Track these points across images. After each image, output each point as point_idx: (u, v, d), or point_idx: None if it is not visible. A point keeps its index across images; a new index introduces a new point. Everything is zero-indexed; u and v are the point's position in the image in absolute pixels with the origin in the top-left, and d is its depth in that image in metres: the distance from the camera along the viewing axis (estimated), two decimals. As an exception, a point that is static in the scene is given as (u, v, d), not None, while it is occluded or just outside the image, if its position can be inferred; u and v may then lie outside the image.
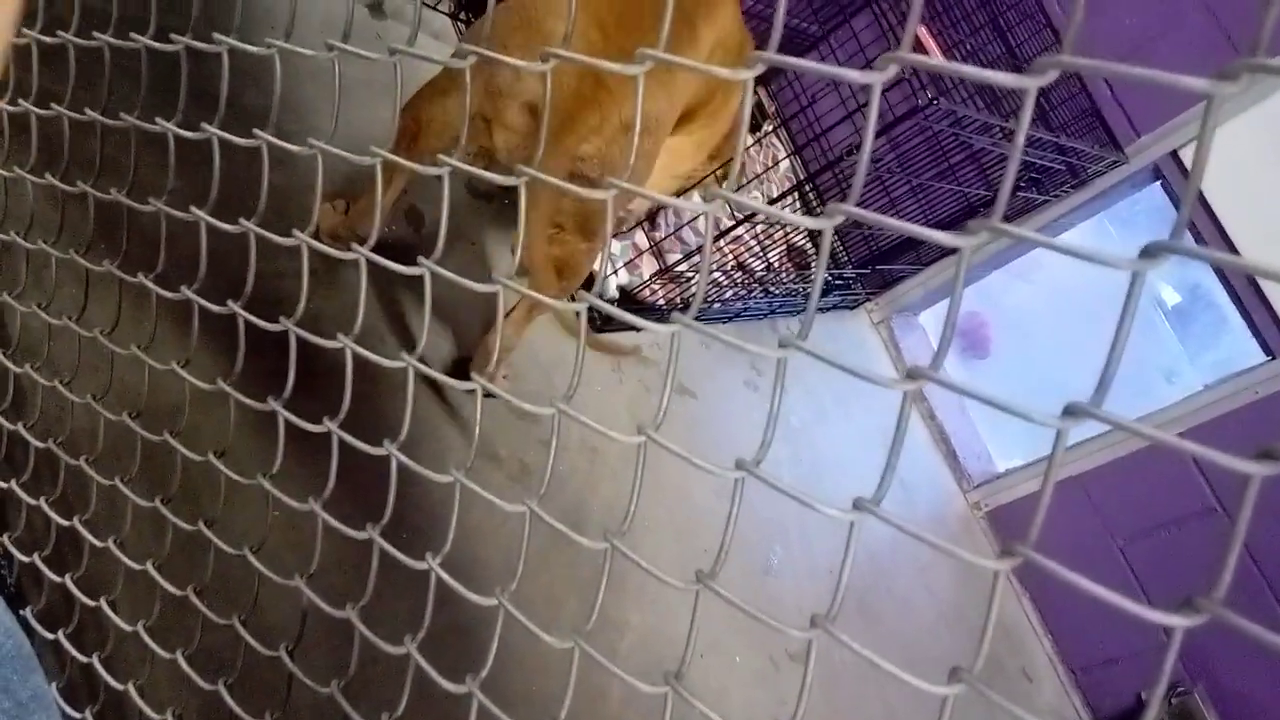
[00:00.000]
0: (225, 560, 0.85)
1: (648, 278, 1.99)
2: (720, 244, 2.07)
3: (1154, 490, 2.49)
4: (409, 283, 1.53)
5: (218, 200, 0.82)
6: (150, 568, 0.89)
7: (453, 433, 1.47)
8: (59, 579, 0.95)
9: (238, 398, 0.80)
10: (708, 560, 0.54)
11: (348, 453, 0.72)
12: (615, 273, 1.98)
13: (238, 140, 0.79)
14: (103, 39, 0.93)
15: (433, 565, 0.66)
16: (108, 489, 0.95)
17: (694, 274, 2.00)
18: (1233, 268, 0.36)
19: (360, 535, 0.71)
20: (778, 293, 2.37)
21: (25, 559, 0.98)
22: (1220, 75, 0.36)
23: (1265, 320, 2.37)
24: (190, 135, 0.83)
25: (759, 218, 2.05)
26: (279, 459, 0.78)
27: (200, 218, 0.82)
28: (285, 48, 0.77)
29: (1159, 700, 0.37)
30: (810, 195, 2.63)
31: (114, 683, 0.90)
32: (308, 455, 0.78)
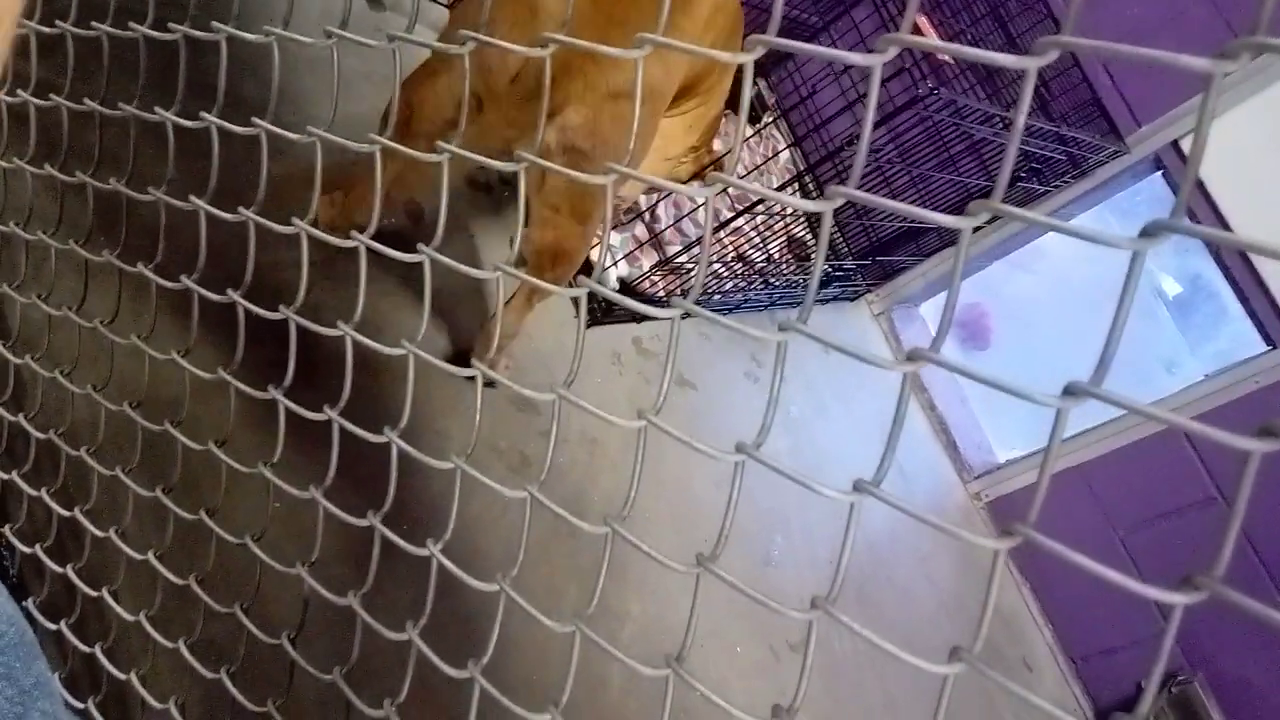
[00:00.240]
0: (227, 550, 0.85)
1: (648, 269, 1.99)
2: (720, 235, 2.06)
3: (1155, 480, 2.50)
4: (408, 277, 1.53)
5: (217, 190, 0.82)
6: (152, 557, 0.89)
7: (453, 424, 1.47)
8: (61, 569, 0.96)
9: (238, 386, 0.80)
10: (708, 550, 0.54)
11: (348, 444, 0.72)
12: (615, 264, 1.98)
13: (236, 129, 0.78)
14: (101, 29, 0.93)
15: (434, 552, 0.66)
16: (109, 479, 0.95)
17: (694, 265, 1.99)
18: (1229, 245, 0.36)
19: (361, 523, 0.71)
20: (778, 284, 2.37)
21: (27, 550, 0.99)
22: (1220, 54, 0.36)
23: (1266, 310, 2.37)
24: (189, 124, 0.83)
25: (759, 209, 2.04)
26: (279, 448, 0.79)
27: (199, 207, 0.82)
28: (284, 35, 0.77)
29: (1157, 680, 0.37)
30: (810, 186, 2.62)
31: (116, 672, 0.90)
32: (308, 445, 0.78)
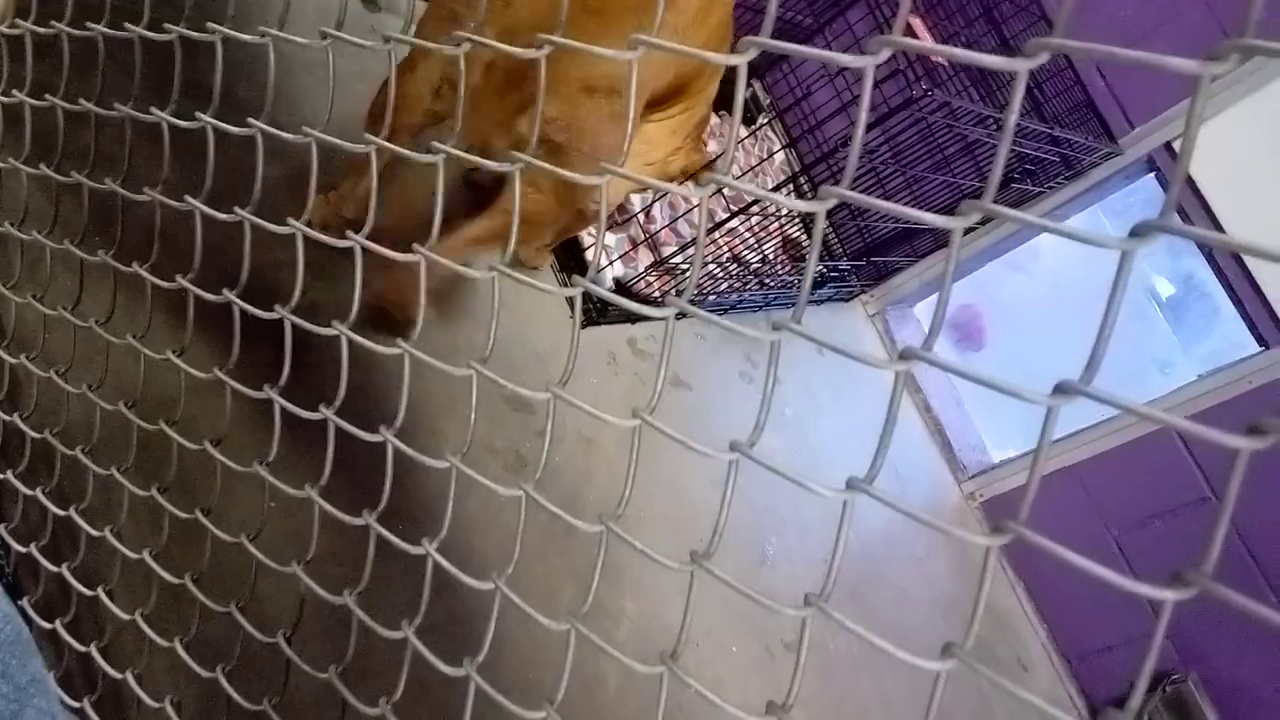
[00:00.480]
0: (222, 549, 0.85)
1: (643, 270, 1.99)
2: (715, 236, 2.07)
3: (1148, 480, 2.51)
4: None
5: (212, 190, 0.82)
6: (147, 557, 0.89)
7: (449, 423, 1.47)
8: (56, 569, 0.96)
9: (234, 386, 0.80)
10: (703, 549, 0.54)
11: (344, 444, 0.72)
12: (611, 265, 1.99)
13: (232, 129, 0.79)
14: (96, 29, 0.93)
15: (429, 550, 0.67)
16: (104, 479, 0.95)
17: (689, 266, 2.00)
18: (1218, 246, 0.36)
19: (357, 521, 0.71)
20: (772, 285, 2.37)
21: (22, 549, 0.98)
22: (1209, 56, 0.37)
23: (1258, 310, 2.38)
24: (184, 125, 0.83)
25: (754, 210, 2.05)
26: (275, 448, 0.79)
27: (195, 207, 0.82)
28: (279, 36, 0.77)
29: (1147, 673, 0.38)
30: (805, 186, 2.63)
31: (112, 672, 0.90)
32: (304, 445, 0.79)
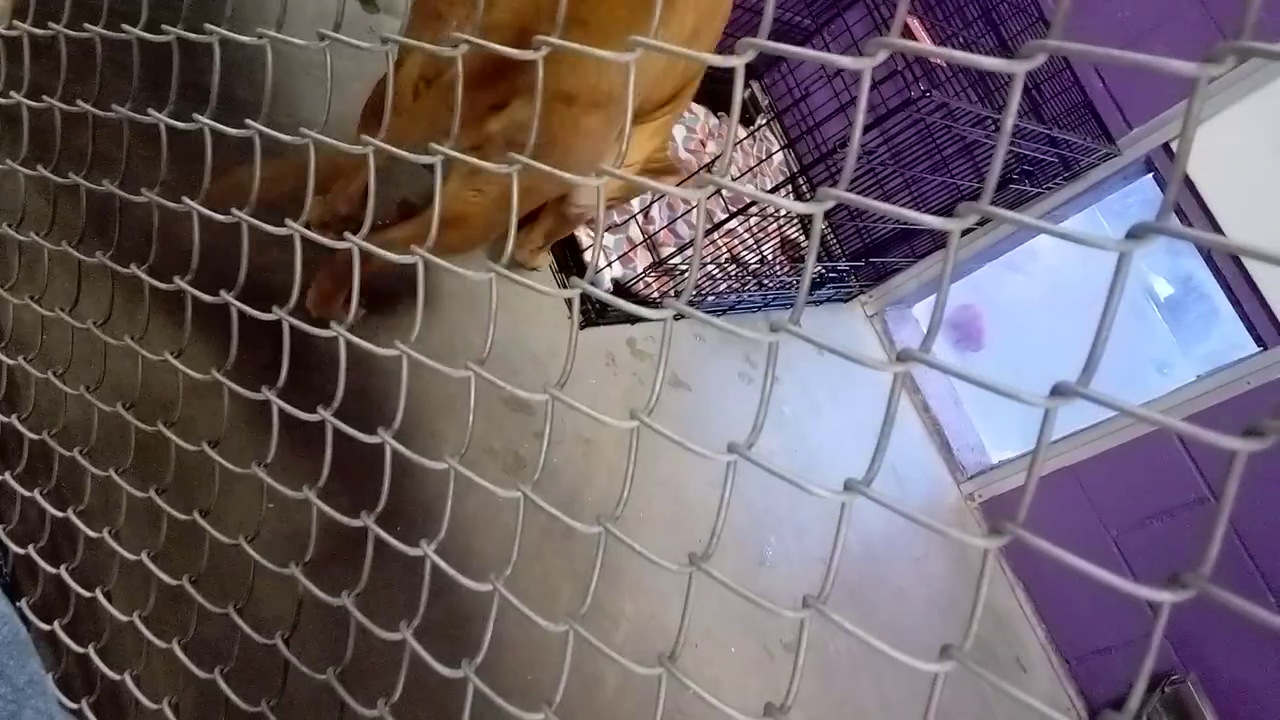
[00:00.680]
0: (220, 550, 0.85)
1: (641, 271, 1.99)
2: (714, 237, 2.07)
3: (1147, 480, 2.51)
4: (403, 277, 1.53)
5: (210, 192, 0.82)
6: (145, 558, 0.89)
7: (447, 424, 1.47)
8: (54, 570, 0.96)
9: (232, 387, 0.80)
10: (702, 550, 0.55)
11: (342, 446, 0.72)
12: (610, 265, 1.99)
13: (230, 131, 0.79)
14: (94, 31, 0.93)
15: (427, 552, 0.67)
16: (102, 480, 0.95)
17: (688, 267, 2.00)
18: (1215, 247, 0.36)
19: (355, 523, 0.71)
20: (771, 285, 2.37)
21: (20, 551, 0.98)
22: (1205, 58, 0.37)
23: (1257, 311, 2.38)
24: (182, 126, 0.83)
25: (753, 211, 2.05)
26: (273, 449, 0.79)
27: (192, 208, 0.82)
28: (277, 38, 0.77)
29: (1146, 675, 0.38)
30: (804, 188, 2.63)
31: (110, 673, 0.90)
32: (302, 447, 0.79)
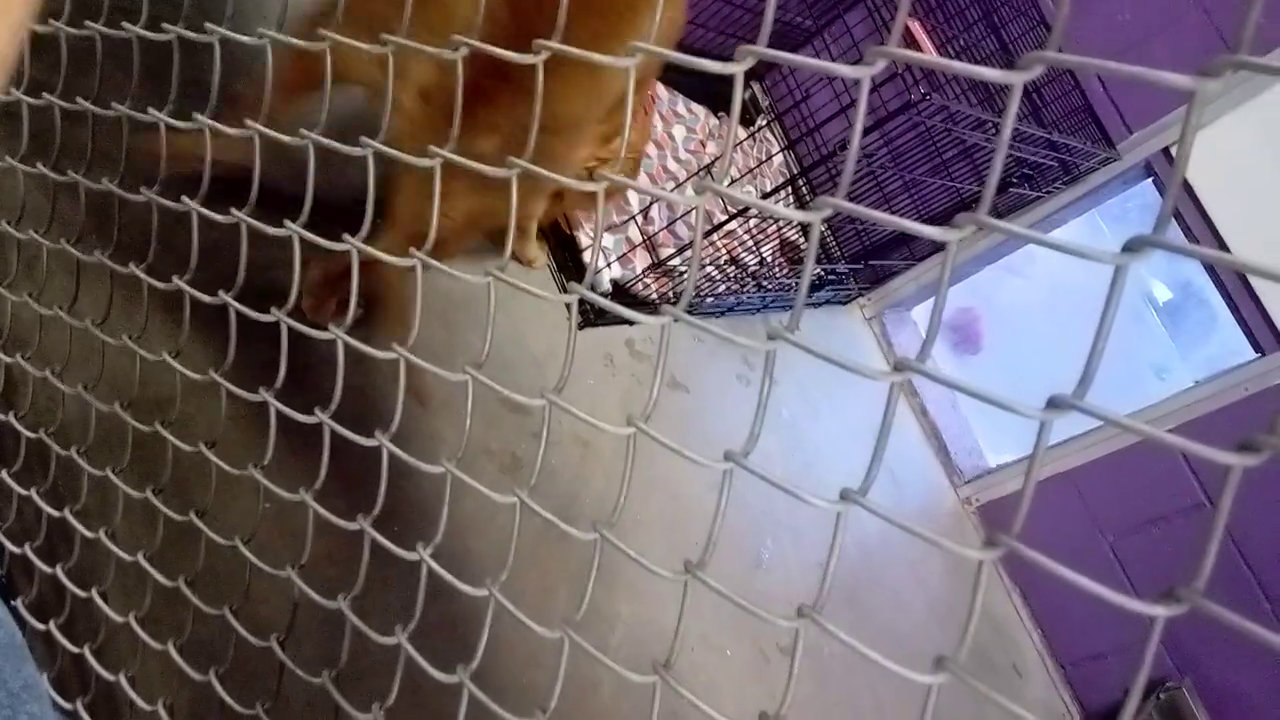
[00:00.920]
0: (216, 552, 0.85)
1: (640, 272, 1.99)
2: (713, 238, 2.06)
3: (1144, 486, 2.51)
4: (400, 277, 1.53)
5: (209, 191, 0.82)
6: (141, 559, 0.89)
7: (445, 425, 1.47)
8: (50, 570, 0.95)
9: (229, 388, 0.80)
10: (698, 554, 0.55)
11: (339, 447, 0.72)
12: (609, 266, 1.98)
13: (230, 131, 0.79)
14: (94, 28, 0.93)
15: (423, 555, 0.67)
16: (99, 480, 0.95)
17: (688, 268, 2.00)
18: (1212, 262, 0.36)
19: (351, 526, 0.71)
20: (770, 288, 2.37)
21: (16, 550, 0.98)
22: (1202, 72, 0.37)
23: (1255, 317, 2.38)
24: (182, 125, 0.83)
25: (752, 212, 2.05)
26: (270, 451, 0.79)
27: (191, 208, 0.82)
28: (277, 38, 0.77)
29: (1139, 690, 0.38)
30: (804, 190, 2.63)
31: (105, 673, 0.90)
32: (299, 449, 0.79)
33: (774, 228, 2.26)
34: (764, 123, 2.94)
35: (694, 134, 2.51)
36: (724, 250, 2.21)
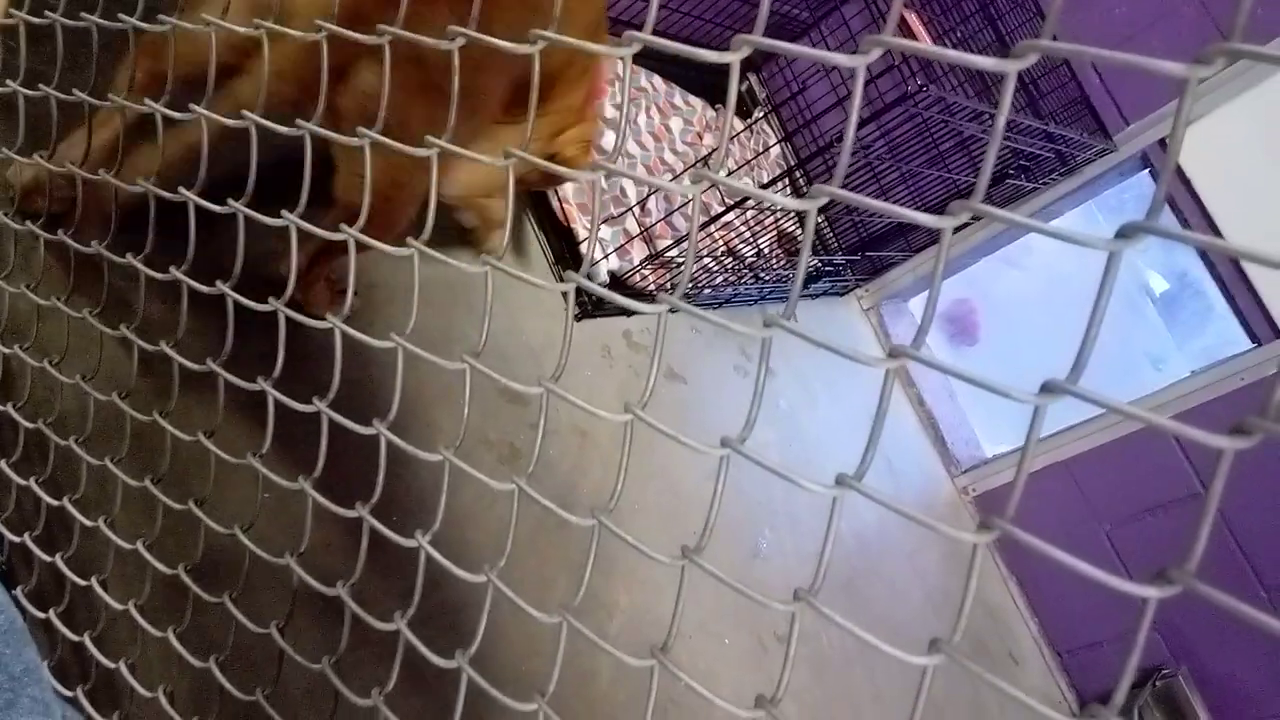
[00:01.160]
0: (215, 540, 0.85)
1: (638, 263, 1.99)
2: (710, 229, 2.07)
3: (1140, 475, 2.52)
4: (397, 268, 1.53)
5: (206, 181, 0.82)
6: (141, 547, 0.90)
7: (443, 415, 1.47)
8: (49, 559, 0.96)
9: (227, 378, 0.80)
10: (695, 542, 0.55)
11: (337, 437, 0.72)
12: (606, 258, 1.98)
13: (227, 121, 0.79)
14: (90, 20, 0.93)
15: (422, 543, 0.67)
16: (97, 469, 0.95)
17: (684, 260, 2.00)
18: (1204, 247, 0.37)
19: (350, 514, 0.71)
20: (768, 279, 2.38)
21: (15, 539, 0.99)
22: (1196, 59, 0.37)
23: (1251, 308, 2.39)
24: (178, 116, 0.83)
25: (749, 204, 2.05)
26: (268, 440, 0.79)
27: (188, 198, 0.82)
28: (274, 29, 0.77)
29: (1132, 669, 0.38)
30: (800, 181, 2.63)
31: (105, 661, 0.91)
32: (297, 439, 0.79)
33: (771, 219, 2.26)
34: (761, 115, 2.94)
35: (691, 126, 2.51)
36: (721, 242, 2.21)
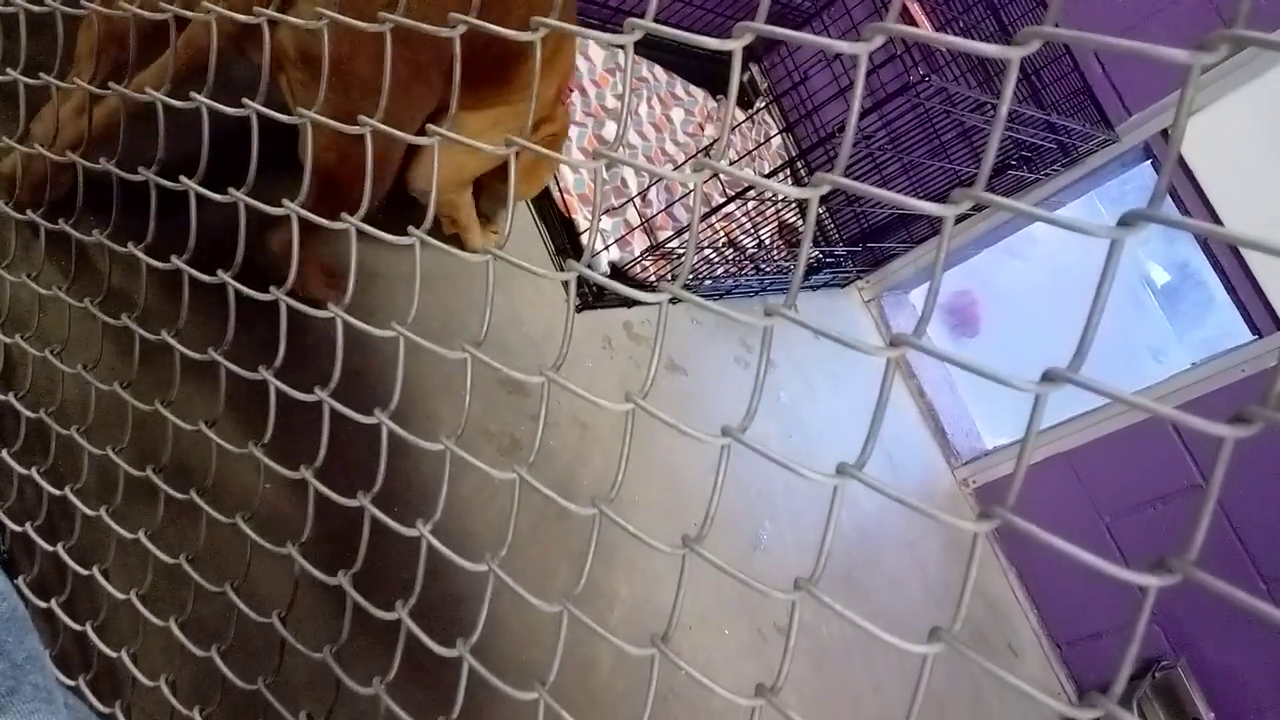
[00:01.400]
0: (217, 530, 0.85)
1: (639, 254, 1.99)
2: (712, 220, 2.06)
3: (1141, 467, 2.52)
4: (398, 258, 1.53)
5: (207, 171, 0.82)
6: (143, 536, 0.90)
7: (444, 406, 1.47)
8: (51, 548, 0.96)
9: (229, 367, 0.80)
10: (696, 533, 0.55)
11: (338, 429, 0.72)
12: (607, 249, 1.98)
13: (227, 110, 0.78)
14: (91, 7, 0.93)
15: (423, 532, 0.67)
16: (99, 458, 0.95)
17: (685, 250, 2.00)
18: (1207, 235, 0.37)
19: (351, 503, 0.71)
20: (768, 270, 2.38)
21: (17, 528, 0.99)
22: (1198, 45, 0.37)
23: (1252, 299, 2.39)
24: (179, 105, 0.83)
25: (750, 195, 2.04)
26: (270, 429, 0.79)
27: (189, 188, 0.82)
28: (276, 16, 0.77)
29: (1131, 657, 0.38)
30: (802, 171, 2.63)
31: (107, 650, 0.91)
32: (299, 429, 0.79)
33: (772, 210, 2.26)
34: (762, 105, 2.94)
35: (692, 116, 2.50)
36: (722, 233, 2.21)
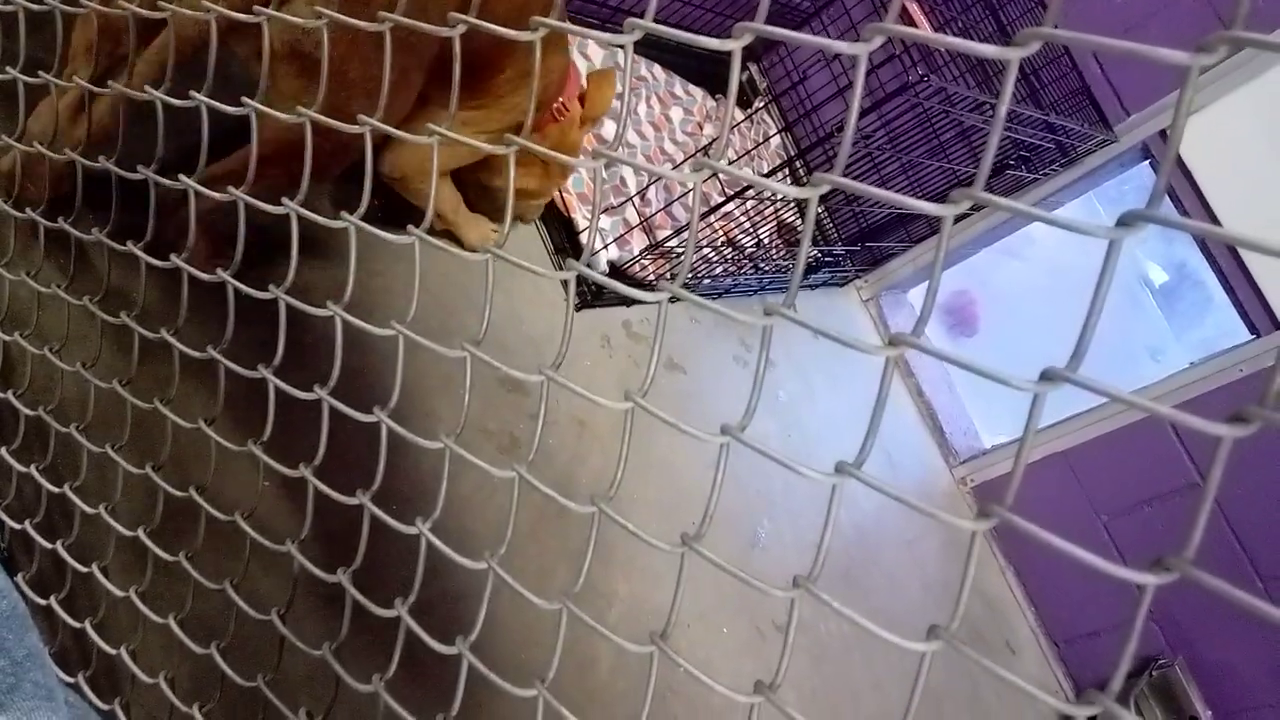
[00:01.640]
0: (216, 527, 0.85)
1: (638, 253, 1.99)
2: (710, 220, 2.06)
3: (1139, 466, 2.52)
4: (397, 257, 1.54)
5: (207, 169, 0.82)
6: (142, 534, 0.90)
7: (443, 404, 1.47)
8: (50, 545, 0.96)
9: (228, 365, 0.80)
10: (694, 532, 0.55)
11: (338, 427, 0.72)
12: (605, 248, 1.98)
13: (227, 109, 0.79)
14: (90, 5, 0.93)
15: (423, 529, 0.67)
16: (98, 456, 0.95)
17: (684, 250, 2.00)
18: (1205, 236, 0.37)
19: (351, 501, 0.71)
20: (767, 269, 2.38)
21: (16, 526, 0.99)
22: (1198, 47, 0.37)
23: (1250, 299, 2.39)
24: (179, 103, 0.83)
25: (749, 194, 2.05)
26: (269, 427, 0.79)
27: (189, 186, 0.82)
28: (275, 15, 0.77)
29: (1129, 655, 0.38)
30: (801, 171, 2.63)
31: (106, 647, 0.91)
32: (298, 427, 0.79)
33: (771, 210, 2.26)
34: (761, 104, 2.94)
35: (691, 116, 2.50)
36: (721, 232, 2.21)
